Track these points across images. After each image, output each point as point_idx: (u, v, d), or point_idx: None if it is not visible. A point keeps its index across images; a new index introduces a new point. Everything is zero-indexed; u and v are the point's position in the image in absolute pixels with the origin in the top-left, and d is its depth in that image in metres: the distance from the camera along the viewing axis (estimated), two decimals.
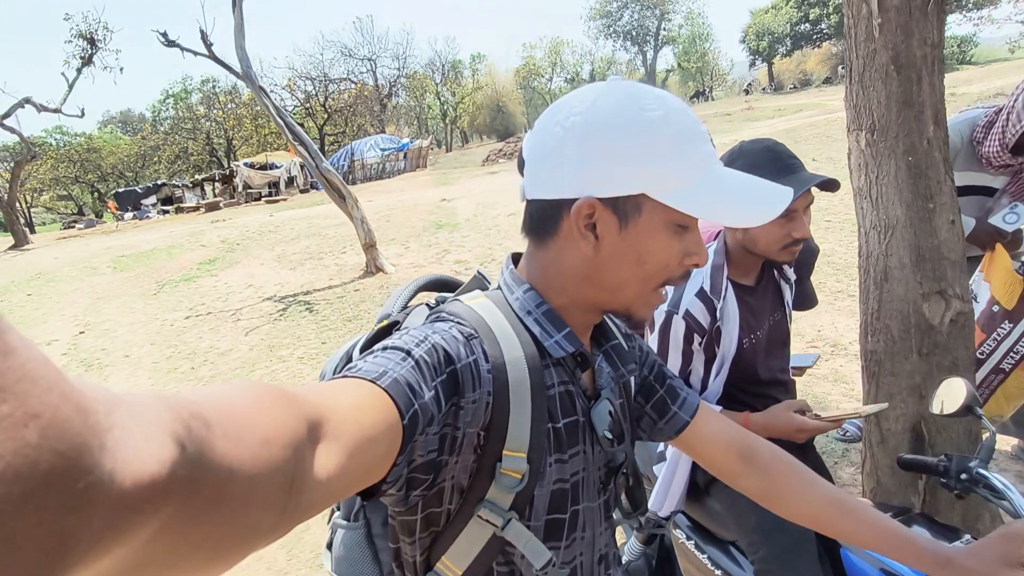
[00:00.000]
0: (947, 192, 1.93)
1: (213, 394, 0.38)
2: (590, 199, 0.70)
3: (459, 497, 0.70)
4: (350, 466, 0.48)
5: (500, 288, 0.81)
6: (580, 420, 0.78)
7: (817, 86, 37.96)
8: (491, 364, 0.68)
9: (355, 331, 6.29)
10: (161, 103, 44.38)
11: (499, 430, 0.68)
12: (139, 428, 0.27)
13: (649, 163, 0.68)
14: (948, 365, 1.93)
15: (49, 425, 0.21)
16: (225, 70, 9.05)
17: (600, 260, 0.73)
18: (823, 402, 3.33)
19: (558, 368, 0.77)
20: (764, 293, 1.56)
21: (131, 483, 0.25)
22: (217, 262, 10.68)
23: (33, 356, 0.22)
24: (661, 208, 0.70)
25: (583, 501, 0.78)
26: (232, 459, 0.34)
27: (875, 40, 1.92)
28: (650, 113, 0.69)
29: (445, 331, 0.67)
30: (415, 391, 0.58)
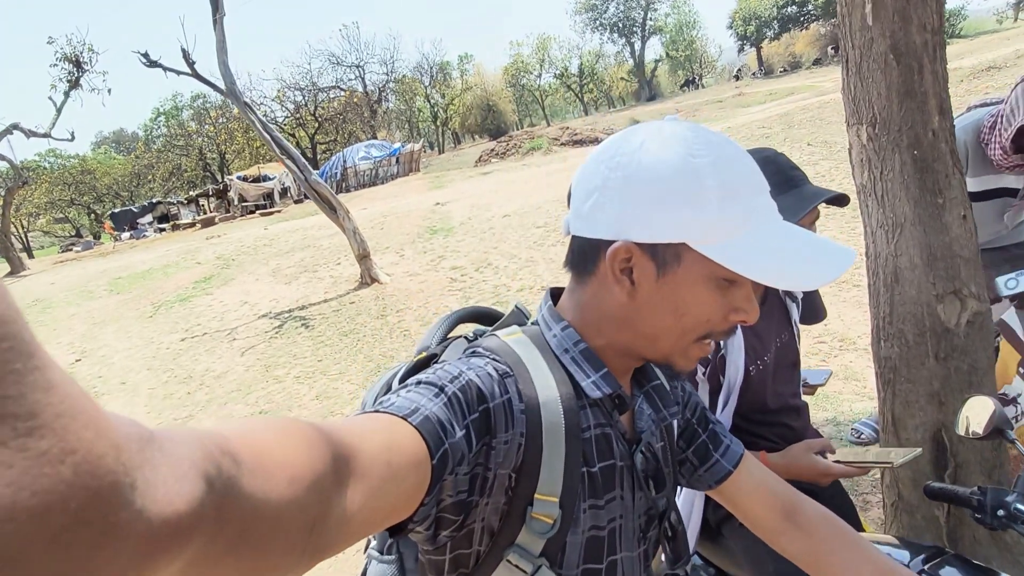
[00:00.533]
0: (956, 186, 1.82)
1: (244, 430, 0.38)
2: (627, 243, 0.68)
3: (489, 539, 0.68)
4: (375, 506, 0.48)
5: (538, 324, 0.79)
6: (618, 464, 0.75)
7: (807, 68, 37.79)
8: (525, 404, 0.67)
9: (351, 346, 6.19)
10: (153, 121, 44.40)
11: (531, 472, 0.67)
12: (169, 465, 0.27)
13: (691, 212, 0.66)
14: (967, 369, 1.82)
15: (83, 461, 0.22)
16: (210, 87, 8.96)
17: (636, 307, 0.71)
18: (835, 401, 3.22)
19: (595, 409, 0.74)
20: (769, 315, 1.44)
21: (160, 521, 0.26)
22: (212, 280, 10.59)
23: (73, 392, 0.23)
24: (702, 260, 0.67)
25: (621, 551, 0.75)
26: (259, 498, 0.34)
27: (871, 28, 1.80)
28: (698, 160, 0.66)
29: (480, 368, 0.66)
30: (446, 429, 0.58)
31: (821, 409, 3.20)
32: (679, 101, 31.88)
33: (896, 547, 1.26)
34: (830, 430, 2.97)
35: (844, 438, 2.88)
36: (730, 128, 14.84)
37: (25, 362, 0.21)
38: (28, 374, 0.21)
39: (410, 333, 6.19)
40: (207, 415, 5.28)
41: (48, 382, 0.21)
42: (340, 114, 37.28)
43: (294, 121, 36.36)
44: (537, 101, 51.40)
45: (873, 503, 2.40)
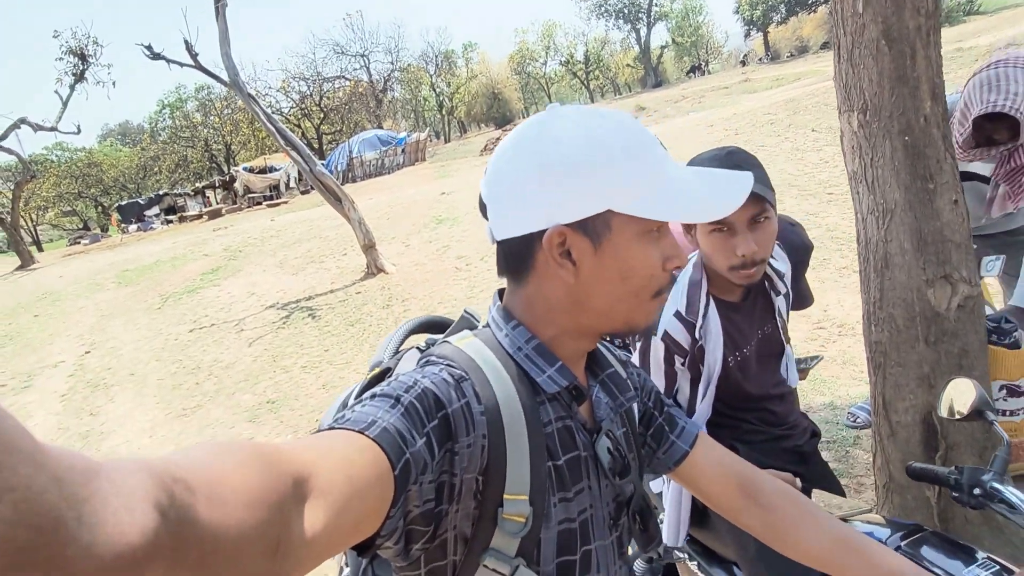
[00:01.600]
0: (948, 171, 1.83)
1: (195, 456, 0.37)
2: (558, 227, 0.69)
3: (463, 547, 0.68)
4: (339, 523, 0.47)
5: (489, 326, 0.79)
6: (582, 455, 0.76)
7: (815, 52, 37.33)
8: (484, 406, 0.67)
9: (358, 336, 6.25)
10: (158, 113, 44.41)
11: (498, 473, 0.67)
12: (119, 497, 0.27)
13: (607, 179, 0.68)
14: (957, 352, 1.84)
15: (23, 499, 0.21)
16: (213, 79, 8.98)
17: (583, 285, 0.72)
18: (832, 386, 3.24)
19: (554, 404, 0.75)
20: (751, 309, 1.45)
21: (111, 554, 0.25)
22: (219, 271, 10.67)
23: (8, 426, 0.22)
24: (629, 220, 0.69)
25: (594, 540, 0.76)
26: (217, 524, 0.33)
27: (861, 15, 1.81)
28: (598, 131, 0.69)
29: (435, 375, 0.66)
30: (406, 439, 0.57)
31: (819, 394, 3.23)
32: (685, 87, 31.62)
33: (880, 526, 1.30)
34: (827, 414, 3.00)
35: (840, 422, 2.91)
36: (735, 115, 14.73)
37: None
38: None
39: None
40: (216, 405, 5.36)
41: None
42: (345, 104, 37.18)
43: (299, 111, 36.31)
44: (543, 89, 51.13)
45: (867, 485, 2.43)
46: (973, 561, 1.11)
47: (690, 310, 1.35)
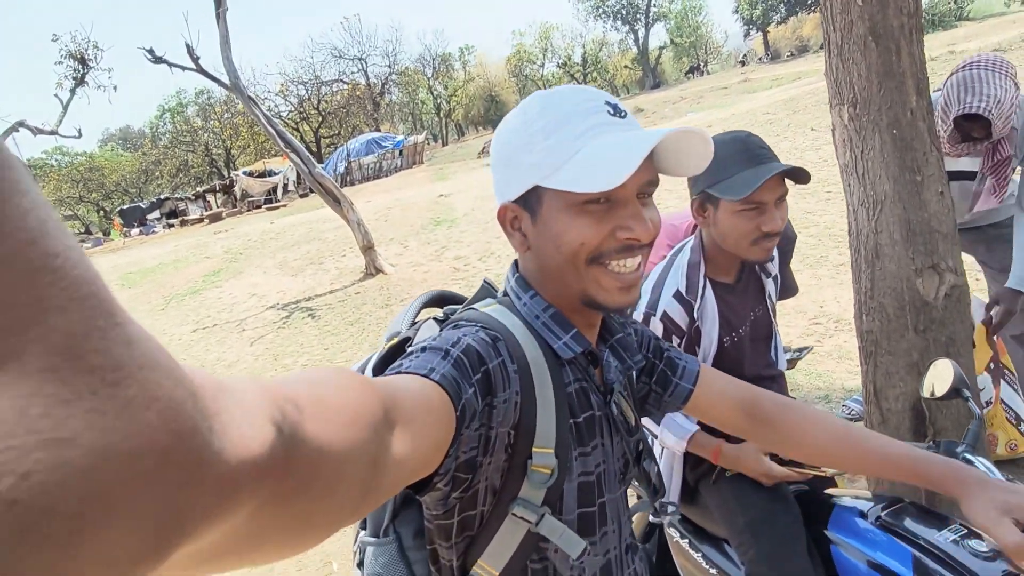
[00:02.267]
0: (934, 163, 1.88)
1: (302, 379, 0.41)
2: (505, 203, 0.80)
3: (493, 498, 0.73)
4: (421, 448, 0.52)
5: (508, 295, 0.85)
6: (596, 414, 0.82)
7: (815, 52, 37.41)
8: (517, 365, 0.72)
9: (357, 335, 6.29)
10: (158, 118, 44.49)
11: (528, 428, 0.71)
12: (242, 412, 0.29)
13: (527, 157, 0.75)
14: (945, 340, 1.88)
15: (166, 408, 0.23)
16: (214, 82, 9.04)
17: (534, 254, 0.80)
18: (827, 380, 3.29)
19: (572, 366, 0.81)
20: (744, 290, 1.51)
21: (236, 461, 0.27)
22: (221, 273, 10.72)
23: (152, 346, 0.24)
24: (554, 193, 0.74)
25: (606, 493, 0.81)
26: (322, 440, 0.36)
27: (851, 11, 1.86)
28: (528, 113, 0.77)
29: (474, 334, 0.71)
30: (461, 386, 0.62)
31: (814, 387, 3.27)
32: (684, 88, 31.71)
33: (858, 499, 1.35)
34: (822, 407, 3.04)
35: (836, 414, 2.95)
36: (734, 115, 14.79)
37: (107, 319, 0.22)
38: (111, 330, 0.22)
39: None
40: None
41: (129, 337, 0.23)
42: (343, 107, 37.25)
43: (298, 115, 36.38)
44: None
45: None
46: (945, 526, 1.16)
47: (690, 291, 1.41)
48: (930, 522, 1.16)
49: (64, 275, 0.21)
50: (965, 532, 1.11)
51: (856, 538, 1.21)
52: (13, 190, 0.20)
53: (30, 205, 0.20)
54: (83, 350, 0.21)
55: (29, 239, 0.20)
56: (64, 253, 0.21)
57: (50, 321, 0.20)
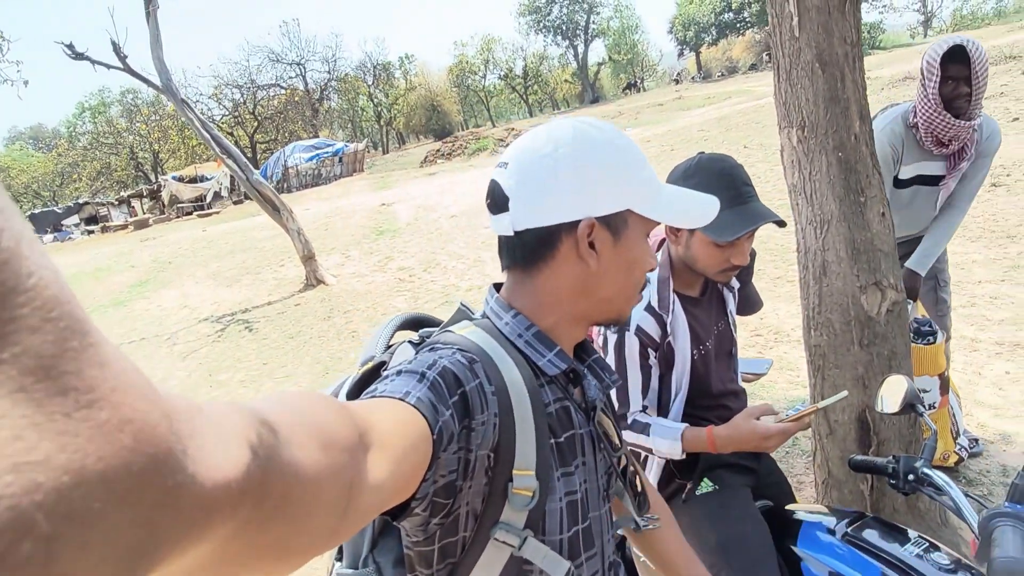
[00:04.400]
0: (876, 185, 1.97)
1: (276, 402, 0.40)
2: (590, 219, 0.77)
3: (474, 523, 0.72)
4: (398, 473, 0.51)
5: (487, 317, 0.84)
6: (578, 432, 0.82)
7: (744, 73, 39.21)
8: (494, 386, 0.72)
9: (298, 348, 6.09)
10: (77, 117, 42.05)
11: (507, 450, 0.71)
12: (217, 435, 0.29)
13: (628, 182, 0.79)
14: (887, 354, 1.97)
15: (140, 430, 0.23)
16: (144, 83, 8.60)
17: (598, 275, 0.80)
18: (769, 390, 3.40)
19: (552, 386, 0.81)
20: (709, 304, 1.54)
21: (211, 485, 0.27)
22: (149, 283, 10.18)
23: (126, 367, 0.24)
24: (641, 219, 0.80)
25: (591, 511, 0.82)
26: (298, 464, 0.36)
27: (798, 39, 1.94)
28: (619, 141, 0.80)
29: (450, 356, 0.70)
30: (437, 409, 0.61)
31: (757, 398, 3.38)
32: (621, 104, 32.53)
33: (825, 515, 1.38)
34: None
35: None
36: (671, 131, 15.28)
37: (81, 339, 0.22)
38: (84, 351, 0.22)
39: (358, 334, 6.13)
40: None
41: (102, 358, 0.23)
42: (280, 112, 36.32)
43: (232, 119, 35.20)
44: (482, 102, 51.35)
45: (806, 483, 2.56)
46: (908, 540, 1.21)
47: (662, 305, 1.42)
48: (894, 536, 1.21)
49: (37, 295, 0.21)
50: (927, 545, 1.15)
51: (825, 554, 1.24)
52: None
53: (3, 224, 0.20)
54: (56, 371, 0.21)
55: (2, 259, 0.20)
56: (38, 272, 0.21)
57: (22, 342, 0.20)
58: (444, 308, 6.31)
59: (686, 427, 1.37)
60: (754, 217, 1.33)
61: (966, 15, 47.79)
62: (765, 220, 1.33)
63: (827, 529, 1.29)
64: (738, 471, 1.50)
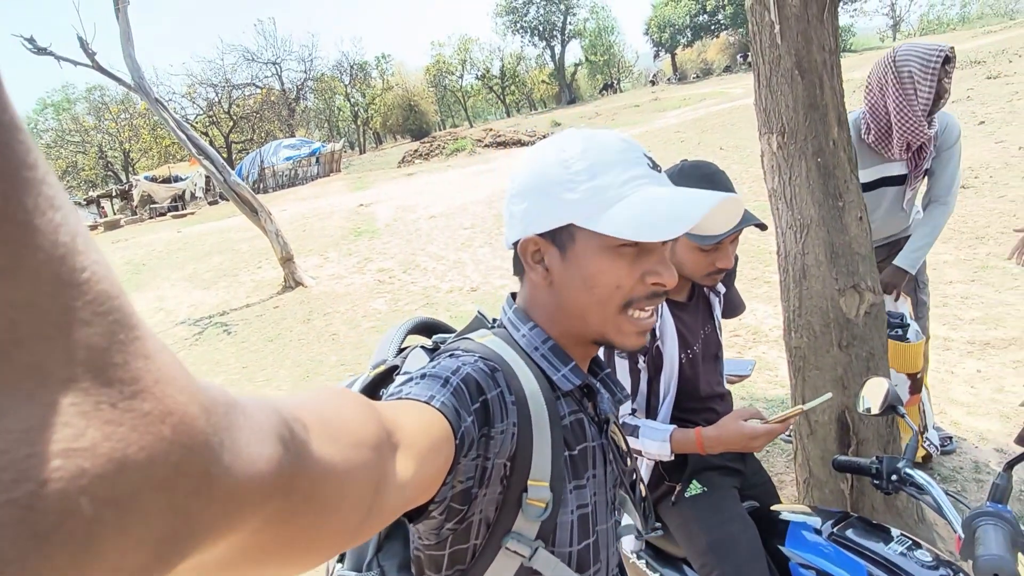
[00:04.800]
0: (854, 190, 2.02)
1: (307, 399, 0.41)
2: (532, 236, 0.79)
3: (486, 531, 0.72)
4: (423, 474, 0.52)
5: (505, 327, 0.86)
6: (590, 445, 0.83)
7: (718, 75, 39.74)
8: (514, 396, 0.72)
9: (277, 351, 6.02)
10: (39, 113, 40.96)
11: (524, 461, 0.72)
12: (251, 429, 0.29)
13: (564, 196, 0.76)
14: (866, 355, 2.02)
15: (180, 422, 0.24)
16: (114, 81, 8.41)
17: (557, 290, 0.80)
18: (749, 390, 3.45)
19: (567, 399, 0.82)
20: (695, 308, 1.57)
21: (245, 477, 0.28)
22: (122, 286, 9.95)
23: (168, 360, 0.25)
24: (591, 234, 0.76)
25: (600, 524, 0.82)
26: (328, 460, 0.36)
27: (779, 46, 1.97)
28: (566, 152, 0.78)
29: (472, 363, 0.71)
30: (460, 414, 0.62)
31: (737, 397, 3.43)
32: (598, 105, 32.73)
33: (809, 515, 1.41)
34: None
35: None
36: (647, 132, 15.41)
37: (128, 333, 0.23)
38: (130, 344, 0.23)
39: (339, 336, 6.08)
40: None
41: (147, 351, 0.24)
42: (256, 112, 35.83)
43: (207, 119, 34.62)
44: (460, 102, 51.26)
45: (787, 482, 2.61)
46: (891, 539, 1.24)
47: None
48: (878, 535, 1.24)
49: (89, 289, 0.21)
50: (910, 543, 1.19)
51: (812, 553, 1.27)
52: (48, 205, 0.20)
53: (62, 220, 0.21)
54: (104, 363, 0.22)
55: (59, 254, 0.20)
56: (91, 267, 0.21)
57: (74, 334, 0.21)
58: (425, 311, 6.29)
59: (674, 428, 1.39)
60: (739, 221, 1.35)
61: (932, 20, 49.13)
62: (748, 223, 1.36)
63: (813, 529, 1.32)
64: (726, 473, 1.53)
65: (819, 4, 1.94)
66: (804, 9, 1.93)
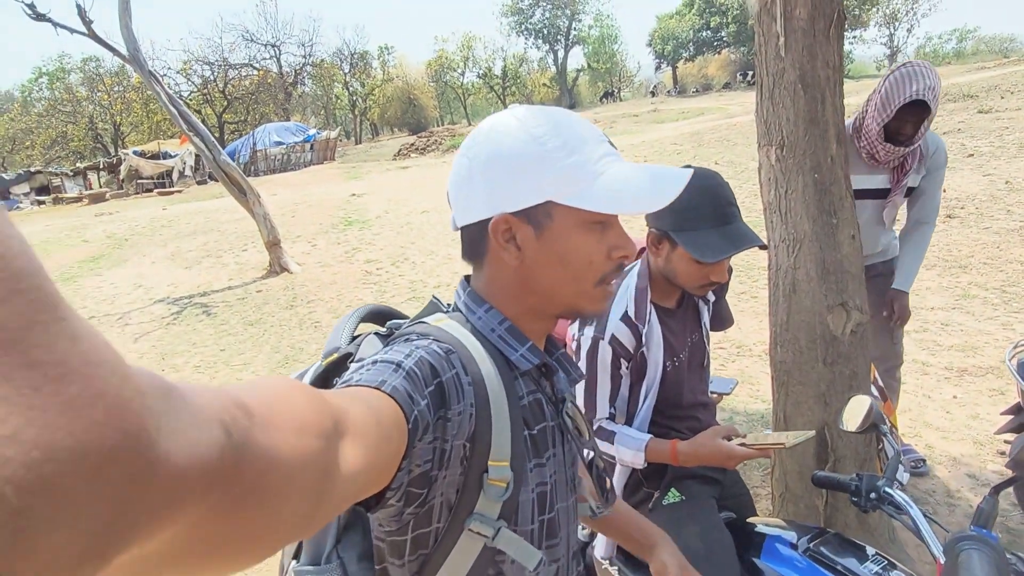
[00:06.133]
0: (848, 208, 2.02)
1: (251, 387, 0.39)
2: (503, 215, 0.76)
3: (448, 514, 0.72)
4: (374, 461, 0.51)
5: (460, 310, 0.84)
6: (549, 424, 0.83)
7: (718, 91, 39.99)
8: (471, 377, 0.72)
9: (257, 336, 5.94)
10: (33, 81, 40.32)
11: (483, 441, 0.71)
12: (190, 414, 0.28)
13: (543, 173, 0.75)
14: (849, 374, 2.02)
15: (113, 405, 0.23)
16: (110, 52, 8.28)
17: (528, 268, 0.79)
18: (731, 403, 3.46)
19: (525, 379, 0.81)
20: (684, 315, 1.55)
21: (184, 463, 0.27)
22: (102, 260, 9.82)
23: (97, 342, 0.24)
24: (568, 210, 0.76)
25: (559, 502, 0.82)
26: (272, 447, 0.35)
27: (783, 59, 1.97)
28: (537, 129, 0.76)
29: (426, 346, 0.70)
30: (413, 398, 0.61)
31: (719, 409, 3.43)
32: (598, 112, 32.81)
33: (785, 529, 1.40)
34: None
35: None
36: (644, 143, 15.46)
37: (50, 313, 0.22)
38: (54, 324, 0.22)
39: (321, 325, 6.02)
40: None
41: (73, 332, 0.22)
42: (252, 94, 35.47)
43: (201, 97, 34.22)
44: (459, 99, 51.15)
45: (762, 495, 2.60)
46: (866, 558, 1.23)
47: (638, 315, 1.42)
48: (853, 553, 1.23)
49: (5, 266, 0.20)
50: (885, 563, 1.17)
51: (787, 568, 1.26)
52: None
53: None
54: (25, 345, 0.21)
55: None
56: (5, 243, 0.21)
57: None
58: (411, 304, 6.25)
59: (651, 438, 1.38)
60: (738, 240, 1.34)
61: (929, 53, 49.92)
62: (749, 244, 1.35)
63: (789, 543, 1.30)
64: (704, 482, 1.52)
65: (826, 20, 1.94)
66: (811, 24, 1.93)
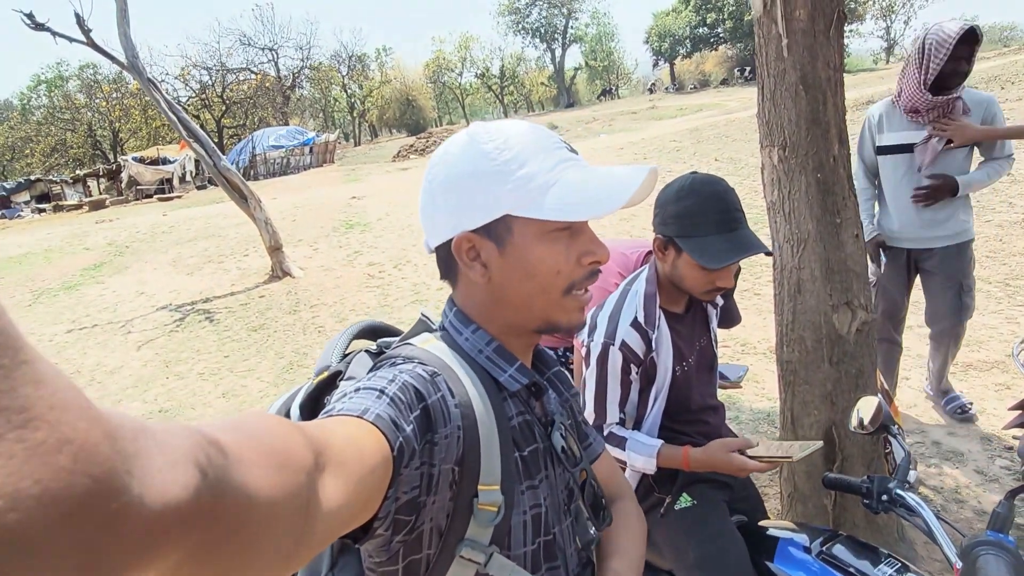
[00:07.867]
0: (851, 207, 2.02)
1: (227, 424, 0.39)
2: (464, 233, 0.77)
3: (438, 540, 0.71)
4: (356, 495, 0.50)
5: (447, 329, 0.83)
6: (540, 446, 0.81)
7: (715, 87, 39.98)
8: (457, 400, 0.71)
9: (261, 342, 5.94)
10: (32, 89, 40.37)
11: (472, 465, 0.70)
12: (163, 455, 0.28)
13: (498, 188, 0.74)
14: (855, 373, 2.02)
15: (80, 450, 0.22)
16: (108, 59, 8.28)
17: (497, 284, 0.78)
18: (736, 402, 3.46)
19: (514, 400, 0.80)
20: (693, 320, 1.56)
21: (158, 507, 0.26)
22: (103, 267, 9.83)
23: (62, 385, 0.23)
24: (527, 222, 0.75)
25: (555, 525, 0.81)
26: (250, 485, 0.34)
27: (784, 60, 1.97)
28: (485, 146, 0.76)
29: (411, 370, 0.70)
30: (398, 425, 0.60)
31: (728, 407, 3.43)
32: (596, 109, 32.82)
33: (796, 532, 1.40)
34: (732, 428, 3.19)
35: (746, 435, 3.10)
36: (644, 139, 15.46)
37: (12, 357, 0.21)
38: (16, 368, 0.21)
39: (325, 329, 6.02)
40: None
41: (38, 375, 0.22)
42: (250, 98, 35.49)
43: (199, 102, 34.25)
44: (457, 99, 51.15)
45: (771, 495, 2.60)
46: (879, 560, 1.23)
47: (647, 320, 1.43)
48: (867, 556, 1.23)
49: None
50: (899, 566, 1.18)
51: (800, 571, 1.26)
52: None
53: None
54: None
55: None
56: None
57: None
58: (413, 307, 6.25)
59: (662, 444, 1.38)
60: (744, 246, 1.34)
61: None
62: (755, 251, 1.35)
63: (802, 546, 1.31)
64: (716, 486, 1.52)
65: (826, 20, 1.94)
66: (811, 24, 1.93)
